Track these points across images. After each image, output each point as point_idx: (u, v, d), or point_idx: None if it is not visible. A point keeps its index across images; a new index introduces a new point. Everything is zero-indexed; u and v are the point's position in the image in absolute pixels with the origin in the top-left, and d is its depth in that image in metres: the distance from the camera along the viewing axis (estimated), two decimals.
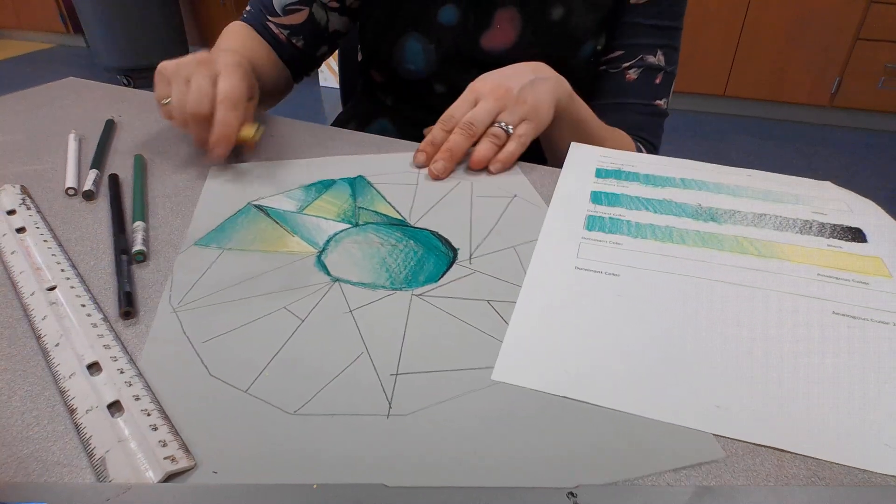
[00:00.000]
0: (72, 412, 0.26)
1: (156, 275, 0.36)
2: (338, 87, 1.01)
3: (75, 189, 0.46)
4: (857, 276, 0.37)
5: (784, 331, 0.32)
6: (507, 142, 0.52)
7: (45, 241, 0.38)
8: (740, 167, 0.51)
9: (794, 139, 2.43)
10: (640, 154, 0.54)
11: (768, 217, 0.43)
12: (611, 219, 0.43)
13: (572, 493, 0.23)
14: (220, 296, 0.34)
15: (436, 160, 0.50)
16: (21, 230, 0.40)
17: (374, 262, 0.38)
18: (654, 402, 0.28)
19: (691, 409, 0.27)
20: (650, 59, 0.65)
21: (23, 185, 0.46)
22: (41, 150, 0.53)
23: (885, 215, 0.44)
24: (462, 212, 0.45)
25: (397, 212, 0.44)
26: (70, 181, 0.46)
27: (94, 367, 0.28)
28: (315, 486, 0.23)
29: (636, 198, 0.46)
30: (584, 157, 0.53)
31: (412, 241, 0.40)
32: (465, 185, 0.49)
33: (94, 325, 0.31)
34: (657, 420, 0.27)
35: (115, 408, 0.26)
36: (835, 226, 0.42)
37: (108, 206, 0.44)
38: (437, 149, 0.51)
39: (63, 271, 0.35)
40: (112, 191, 0.45)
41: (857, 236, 0.41)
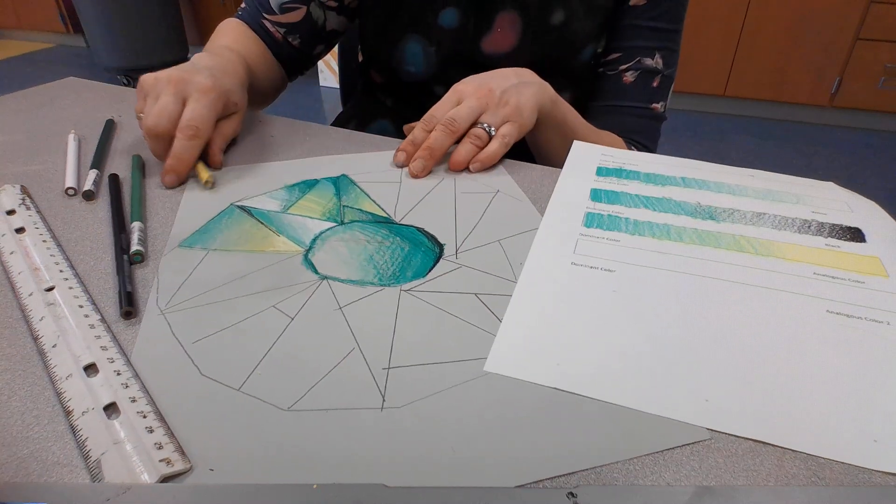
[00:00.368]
0: (68, 414, 0.26)
1: (155, 275, 0.36)
2: (338, 86, 1.01)
3: (75, 189, 0.46)
4: (853, 276, 0.37)
5: (777, 328, 0.32)
6: (488, 143, 0.51)
7: (44, 241, 0.38)
8: (740, 167, 0.51)
9: (794, 139, 2.43)
10: (643, 153, 0.54)
11: (767, 216, 0.43)
12: (609, 216, 0.43)
13: (572, 494, 0.23)
14: (207, 296, 0.34)
15: (415, 158, 0.50)
16: (20, 230, 0.39)
17: (361, 259, 0.38)
18: (645, 395, 0.28)
19: (682, 402, 0.28)
20: (648, 61, 0.65)
21: (23, 185, 0.46)
22: (41, 150, 0.53)
23: (885, 215, 0.44)
24: (446, 208, 0.45)
25: (382, 209, 0.44)
26: (70, 181, 0.46)
27: (90, 369, 0.28)
28: (315, 486, 0.23)
29: (635, 196, 0.46)
30: (585, 156, 0.53)
31: (398, 238, 0.41)
32: (449, 181, 0.49)
33: (92, 326, 0.31)
34: (648, 413, 0.27)
35: (111, 410, 0.26)
36: (833, 225, 0.42)
37: (107, 206, 0.44)
38: (418, 148, 0.51)
39: (62, 272, 0.35)
40: (112, 190, 0.45)
41: (855, 236, 0.41)
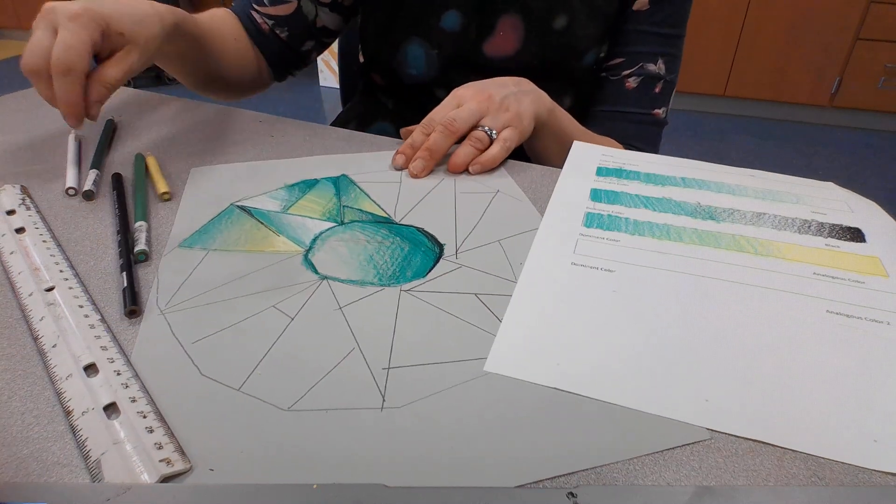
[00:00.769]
0: (68, 414, 0.26)
1: (155, 275, 0.36)
2: (338, 86, 1.01)
3: (76, 189, 0.46)
4: (853, 276, 0.37)
5: (777, 328, 0.32)
6: (489, 146, 0.51)
7: (45, 241, 0.38)
8: (740, 167, 0.51)
9: (794, 139, 2.43)
10: (643, 154, 0.54)
11: (767, 216, 0.43)
12: (609, 216, 0.43)
13: (572, 494, 0.23)
14: (207, 296, 0.34)
15: (415, 159, 0.50)
16: (20, 230, 0.39)
17: (361, 259, 0.38)
18: (645, 395, 0.28)
19: (682, 402, 0.28)
20: (650, 67, 0.65)
21: (23, 185, 0.46)
22: (41, 150, 0.53)
23: (885, 216, 0.44)
24: (446, 208, 0.45)
25: (382, 209, 0.44)
26: (70, 181, 0.46)
27: (90, 369, 0.28)
28: (315, 486, 0.23)
29: (635, 196, 0.46)
30: (585, 156, 0.53)
31: (398, 238, 0.41)
32: (449, 181, 0.49)
33: (92, 326, 0.31)
34: (648, 413, 0.27)
35: (111, 410, 0.26)
36: (833, 225, 0.42)
37: (107, 206, 0.44)
38: (416, 151, 0.51)
39: (62, 272, 0.35)
40: (116, 190, 0.45)
41: (855, 236, 0.41)
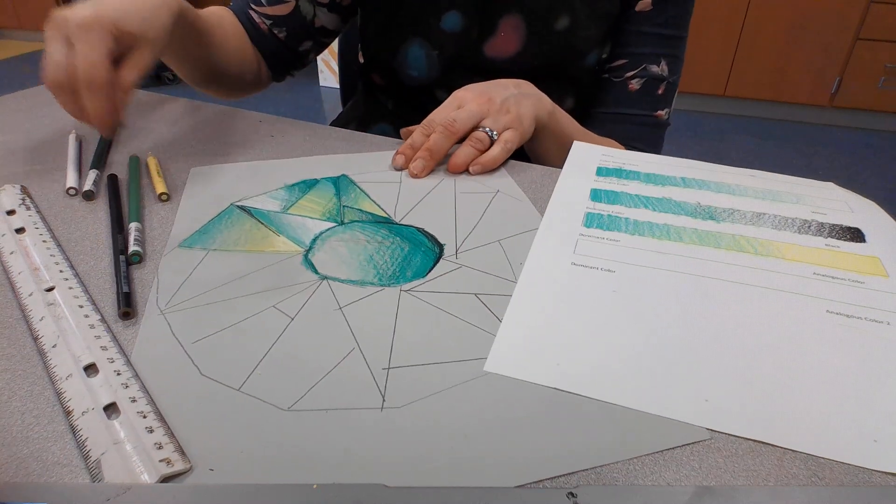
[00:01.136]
0: (68, 414, 0.26)
1: (155, 275, 0.36)
2: (338, 86, 1.01)
3: (76, 189, 0.46)
4: (852, 276, 0.37)
5: (777, 328, 0.32)
6: (489, 147, 0.51)
7: (45, 241, 0.38)
8: (740, 167, 0.51)
9: (794, 139, 2.43)
10: (643, 154, 0.54)
11: (767, 216, 0.43)
12: (609, 216, 0.43)
13: (572, 494, 0.23)
14: (207, 296, 0.34)
15: (415, 159, 0.50)
16: (20, 230, 0.39)
17: (361, 259, 0.38)
18: (645, 395, 0.28)
19: (682, 402, 0.28)
20: (653, 68, 0.65)
21: (23, 186, 0.46)
22: (41, 150, 0.53)
23: (885, 216, 0.44)
24: (446, 208, 0.45)
25: (382, 209, 0.44)
26: (70, 181, 0.46)
27: (90, 369, 0.28)
28: (315, 486, 0.23)
29: (635, 196, 0.46)
30: (585, 156, 0.53)
31: (398, 238, 0.41)
32: (449, 181, 0.49)
33: (92, 326, 0.31)
34: (648, 413, 0.27)
35: (111, 410, 0.26)
36: (833, 225, 0.42)
37: (107, 206, 0.44)
38: (416, 152, 0.51)
39: (62, 272, 0.35)
40: (111, 191, 0.45)
41: (855, 236, 0.41)
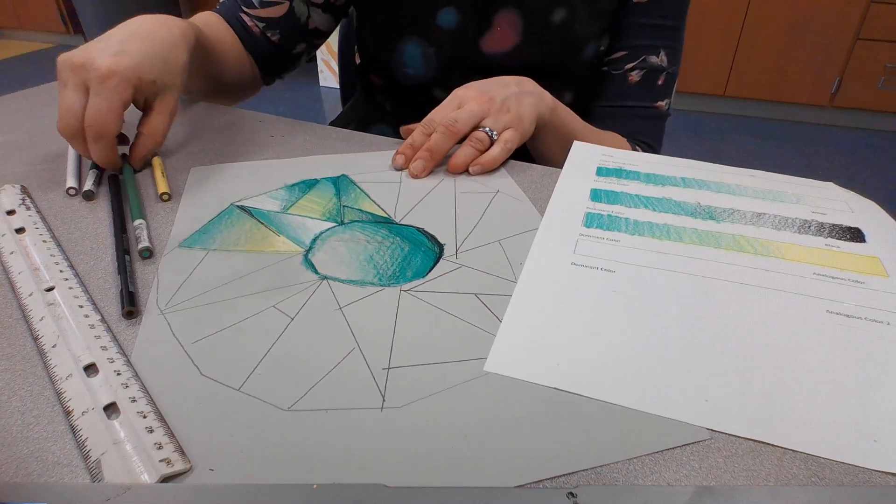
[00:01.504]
0: (68, 414, 0.26)
1: (155, 275, 0.36)
2: (338, 86, 1.01)
3: (76, 189, 0.46)
4: (853, 276, 0.37)
5: (777, 328, 0.32)
6: (489, 147, 0.51)
7: (45, 241, 0.38)
8: (740, 167, 0.51)
9: (794, 139, 2.43)
10: (643, 154, 0.54)
11: (767, 216, 0.43)
12: (609, 216, 0.43)
13: (572, 494, 0.23)
14: (207, 296, 0.34)
15: (415, 159, 0.50)
16: (20, 230, 0.39)
17: (361, 259, 0.38)
18: (645, 395, 0.28)
19: (682, 402, 0.28)
20: (653, 59, 0.65)
21: (23, 185, 0.46)
22: (41, 150, 0.53)
23: (885, 216, 0.44)
24: (446, 208, 0.45)
25: (382, 209, 0.44)
26: (70, 181, 0.46)
27: (90, 369, 0.28)
28: (315, 486, 0.23)
29: (635, 196, 0.46)
30: (585, 156, 0.53)
31: (398, 238, 0.41)
32: (449, 181, 0.49)
33: (92, 326, 0.31)
34: (648, 413, 0.27)
35: (111, 410, 0.26)
36: (833, 225, 0.42)
37: (107, 206, 0.44)
38: (416, 151, 0.50)
39: (62, 272, 0.35)
40: (112, 190, 0.45)
41: (855, 236, 0.41)
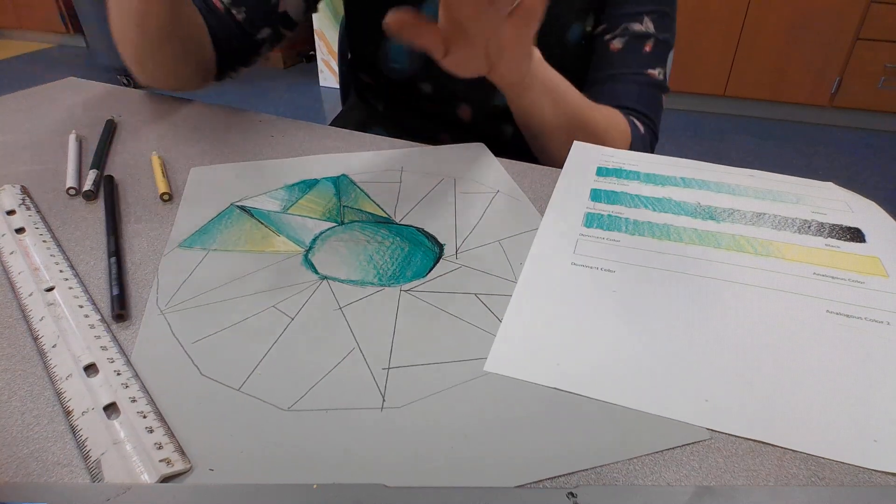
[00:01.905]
0: (68, 414, 0.26)
1: (155, 275, 0.36)
2: (338, 87, 1.01)
3: (76, 189, 0.46)
4: (853, 276, 0.37)
5: (777, 328, 0.32)
6: None
7: (45, 241, 0.38)
8: (740, 167, 0.51)
9: (794, 139, 2.43)
10: (643, 154, 0.54)
11: (767, 216, 0.43)
12: (609, 216, 0.43)
13: (572, 494, 0.23)
14: (207, 296, 0.34)
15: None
16: (20, 230, 0.39)
17: (361, 259, 0.38)
18: (645, 395, 0.28)
19: (682, 402, 0.28)
20: (635, 26, 0.61)
21: (23, 186, 0.46)
22: (41, 150, 0.53)
23: (885, 216, 0.44)
24: (446, 208, 0.45)
25: (382, 209, 0.44)
26: (71, 181, 0.46)
27: (90, 369, 0.28)
28: (315, 486, 0.23)
29: (635, 196, 0.46)
30: (585, 156, 0.53)
31: (398, 238, 0.41)
32: (449, 181, 0.49)
33: (92, 326, 0.31)
34: (648, 413, 0.27)
35: (111, 410, 0.26)
36: (833, 225, 0.42)
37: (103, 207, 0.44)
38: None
39: (62, 272, 0.35)
40: (106, 192, 0.45)
41: (855, 236, 0.41)
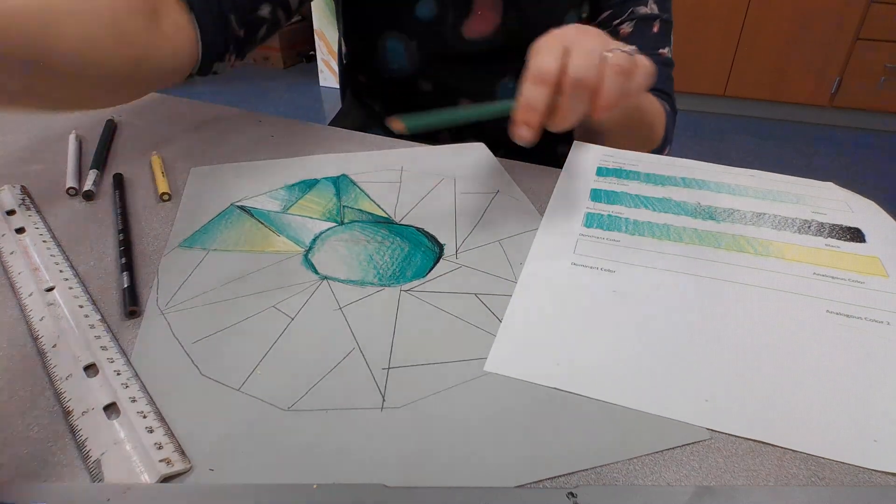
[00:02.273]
0: (68, 414, 0.26)
1: (155, 275, 0.36)
2: (338, 87, 1.01)
3: (76, 189, 0.46)
4: (852, 276, 0.37)
5: (777, 328, 0.32)
6: (632, 68, 0.39)
7: (45, 241, 0.38)
8: (740, 167, 0.51)
9: (794, 139, 2.43)
10: (643, 154, 0.54)
11: (767, 216, 0.43)
12: (609, 216, 0.43)
13: (572, 494, 0.23)
14: (207, 296, 0.34)
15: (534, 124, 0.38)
16: (20, 230, 0.39)
17: (361, 259, 0.38)
18: (645, 395, 0.28)
19: (682, 402, 0.28)
20: (642, 9, 0.60)
21: (23, 186, 0.46)
22: (41, 150, 0.53)
23: (885, 216, 0.44)
24: (446, 208, 0.45)
25: (382, 209, 0.44)
26: (71, 181, 0.46)
27: (90, 369, 0.28)
28: (315, 486, 0.23)
29: (635, 196, 0.46)
30: (585, 156, 0.53)
31: (398, 238, 0.41)
32: (449, 181, 0.49)
33: (92, 326, 0.31)
34: (648, 413, 0.27)
35: (111, 410, 0.26)
36: (833, 225, 0.42)
37: (108, 206, 0.44)
38: (541, 114, 0.38)
39: (62, 272, 0.35)
40: (116, 189, 0.45)
41: (855, 236, 0.41)
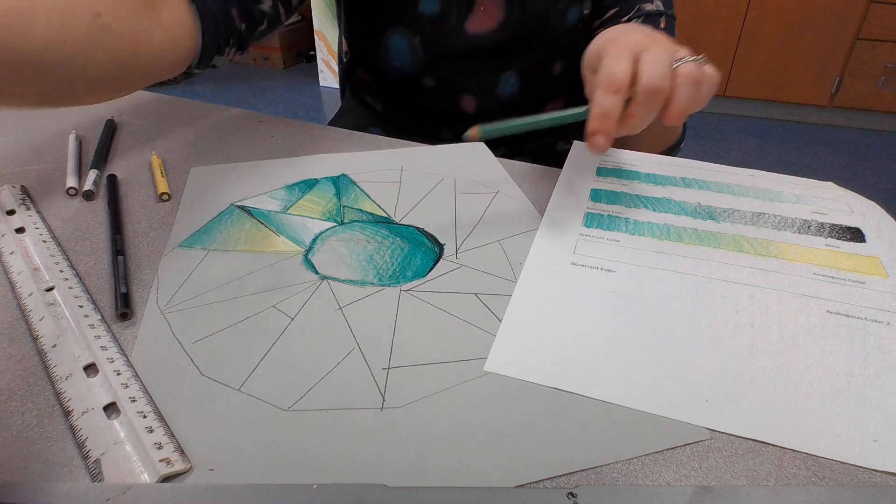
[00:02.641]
0: (68, 414, 0.26)
1: (155, 275, 0.36)
2: (338, 87, 1.01)
3: (76, 189, 0.46)
4: (852, 276, 0.37)
5: (777, 328, 0.32)
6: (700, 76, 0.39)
7: (45, 241, 0.38)
8: (740, 167, 0.51)
9: (794, 139, 2.43)
10: (643, 154, 0.54)
11: (767, 216, 0.43)
12: (609, 216, 0.43)
13: (572, 494, 0.23)
14: (207, 296, 0.34)
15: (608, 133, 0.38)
16: (20, 230, 0.39)
17: (361, 259, 0.38)
18: (645, 395, 0.28)
19: (682, 402, 0.28)
20: (648, 6, 0.60)
21: (23, 185, 0.46)
22: (41, 150, 0.53)
23: (885, 216, 0.44)
24: (446, 208, 0.45)
25: (382, 209, 0.44)
26: (71, 181, 0.46)
27: (90, 369, 0.28)
28: (315, 486, 0.23)
29: (636, 196, 0.46)
30: (585, 156, 0.53)
31: (398, 238, 0.41)
32: (449, 181, 0.49)
33: (92, 326, 0.31)
34: (648, 413, 0.27)
35: (111, 410, 0.26)
36: (833, 225, 0.42)
37: (107, 206, 0.44)
38: (614, 122, 0.38)
39: (62, 272, 0.35)
40: (110, 191, 0.45)
41: (855, 236, 0.41)
